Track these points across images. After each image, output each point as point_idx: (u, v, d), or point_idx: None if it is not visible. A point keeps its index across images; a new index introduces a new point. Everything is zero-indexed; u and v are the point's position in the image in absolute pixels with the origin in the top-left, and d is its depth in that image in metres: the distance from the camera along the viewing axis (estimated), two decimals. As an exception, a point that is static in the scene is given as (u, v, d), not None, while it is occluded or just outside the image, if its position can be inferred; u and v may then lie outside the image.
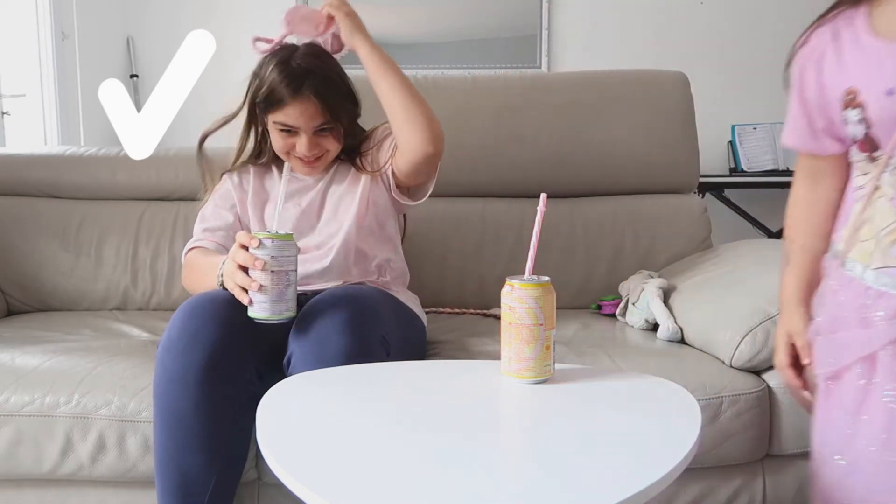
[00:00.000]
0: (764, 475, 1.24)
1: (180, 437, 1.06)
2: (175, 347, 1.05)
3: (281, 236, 1.01)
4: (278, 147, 1.35)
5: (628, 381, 0.92)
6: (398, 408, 0.81)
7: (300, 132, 1.31)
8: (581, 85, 1.85)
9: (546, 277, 0.89)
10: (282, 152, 1.35)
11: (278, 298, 1.00)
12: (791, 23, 3.68)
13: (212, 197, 1.43)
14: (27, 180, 1.81)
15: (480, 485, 0.61)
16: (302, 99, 1.28)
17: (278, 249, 1.00)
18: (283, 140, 1.33)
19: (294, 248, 1.02)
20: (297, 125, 1.30)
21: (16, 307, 1.75)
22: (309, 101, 1.28)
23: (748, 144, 3.30)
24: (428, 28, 3.46)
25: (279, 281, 1.00)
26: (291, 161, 1.36)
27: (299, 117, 1.29)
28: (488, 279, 1.74)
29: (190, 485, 1.06)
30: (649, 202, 1.82)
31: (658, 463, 0.64)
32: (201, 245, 1.35)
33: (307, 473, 0.63)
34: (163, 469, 1.07)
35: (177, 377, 1.04)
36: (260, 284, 0.99)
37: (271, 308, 1.00)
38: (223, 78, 3.82)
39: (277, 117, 1.30)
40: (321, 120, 1.30)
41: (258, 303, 1.00)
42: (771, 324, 1.21)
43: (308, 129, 1.31)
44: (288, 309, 1.01)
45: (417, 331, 1.33)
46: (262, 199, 1.42)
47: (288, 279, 1.00)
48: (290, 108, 1.28)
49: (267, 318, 1.00)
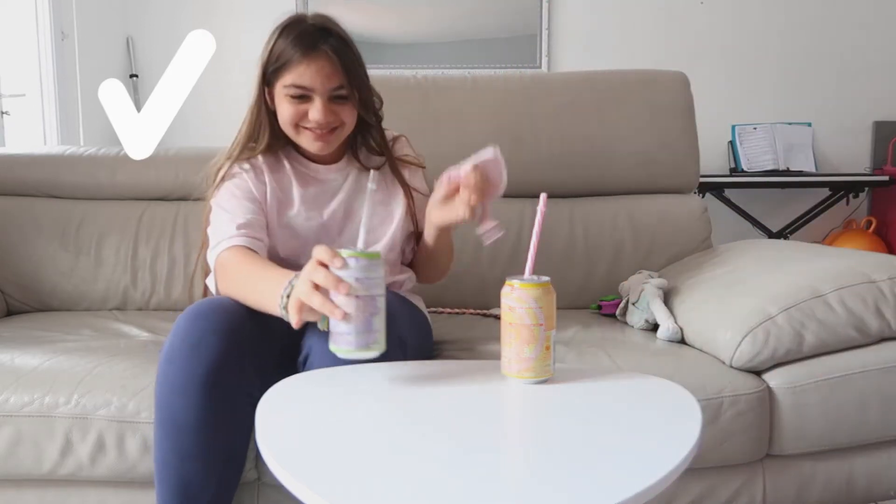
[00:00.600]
0: (764, 475, 1.24)
1: (181, 446, 1.05)
2: (177, 358, 1.03)
3: (368, 255, 0.85)
4: (287, 117, 1.21)
5: (628, 381, 0.92)
6: (398, 408, 0.81)
7: (314, 96, 1.18)
8: (581, 85, 1.85)
9: (546, 277, 0.88)
10: (290, 124, 1.21)
11: (365, 329, 0.84)
12: (791, 23, 3.70)
13: (224, 187, 1.26)
14: (27, 180, 1.81)
15: (480, 485, 0.61)
16: (317, 56, 1.17)
17: (365, 270, 0.84)
18: (293, 108, 1.19)
19: (382, 268, 0.86)
20: (311, 86, 1.17)
21: (16, 307, 1.75)
22: (325, 59, 1.17)
23: (748, 144, 3.30)
24: (428, 28, 3.47)
25: (365, 308, 0.84)
26: (301, 138, 1.23)
27: (315, 76, 1.17)
28: (488, 279, 1.74)
29: (190, 491, 1.06)
30: (649, 202, 1.82)
31: (658, 463, 0.64)
32: (241, 244, 1.15)
33: (307, 473, 0.63)
34: (163, 476, 1.07)
35: (178, 388, 1.03)
36: (344, 312, 0.83)
37: (357, 340, 0.84)
38: (223, 78, 3.82)
39: (289, 79, 1.18)
40: (338, 82, 1.19)
41: (341, 334, 0.84)
42: (771, 324, 1.21)
43: (324, 90, 1.18)
44: (376, 342, 0.85)
45: (427, 332, 1.32)
46: (284, 201, 1.28)
47: (375, 306, 0.84)
48: (303, 67, 1.17)
49: (351, 352, 0.84)
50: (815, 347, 1.22)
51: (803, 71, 3.44)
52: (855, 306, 1.23)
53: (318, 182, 1.31)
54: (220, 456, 1.07)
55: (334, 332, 0.85)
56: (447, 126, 1.79)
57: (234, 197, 1.24)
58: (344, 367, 0.98)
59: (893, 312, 1.24)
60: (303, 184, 1.30)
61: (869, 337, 1.24)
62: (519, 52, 3.43)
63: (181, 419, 1.04)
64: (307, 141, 1.23)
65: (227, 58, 3.51)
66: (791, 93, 3.44)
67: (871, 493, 1.26)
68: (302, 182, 1.30)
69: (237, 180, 1.26)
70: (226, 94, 3.49)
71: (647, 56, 3.41)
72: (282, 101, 1.21)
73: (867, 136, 3.46)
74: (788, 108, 3.43)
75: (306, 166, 1.32)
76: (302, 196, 1.29)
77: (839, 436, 1.22)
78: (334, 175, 1.32)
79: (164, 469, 1.07)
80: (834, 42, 3.42)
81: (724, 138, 3.38)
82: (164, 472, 1.07)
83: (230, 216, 1.20)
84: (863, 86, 3.43)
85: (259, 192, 1.26)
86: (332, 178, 1.32)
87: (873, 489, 1.26)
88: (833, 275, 1.28)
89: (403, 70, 3.37)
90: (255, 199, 1.25)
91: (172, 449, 1.05)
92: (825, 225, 3.46)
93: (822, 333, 1.22)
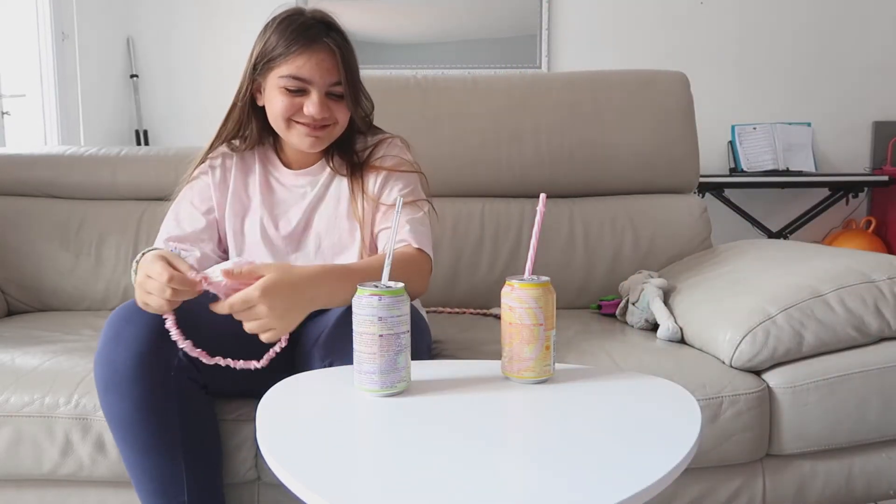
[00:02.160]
0: (764, 475, 1.24)
1: (132, 440, 1.04)
2: (101, 356, 1.02)
3: (392, 292, 0.82)
4: (280, 110, 1.16)
5: (628, 381, 0.92)
6: (398, 408, 0.81)
7: (311, 89, 1.15)
8: (581, 85, 1.85)
9: (546, 277, 0.89)
10: (282, 118, 1.17)
11: (390, 368, 0.82)
12: (791, 23, 3.70)
13: (189, 189, 1.27)
14: (27, 180, 1.81)
15: (480, 484, 0.61)
16: (318, 49, 1.14)
17: (388, 309, 0.81)
18: (288, 100, 1.16)
19: (406, 304, 0.83)
20: (310, 78, 1.15)
21: (16, 307, 1.75)
22: (326, 52, 1.15)
23: (748, 144, 3.30)
24: (429, 28, 3.47)
25: (390, 347, 0.81)
26: (291, 133, 1.19)
27: (314, 69, 1.14)
28: (488, 279, 1.74)
29: (166, 486, 1.06)
30: (649, 202, 1.82)
31: (658, 463, 0.64)
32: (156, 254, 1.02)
33: (307, 473, 0.63)
34: (136, 476, 1.07)
35: (109, 384, 1.02)
36: (368, 352, 0.82)
37: (381, 381, 0.82)
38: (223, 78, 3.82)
39: (286, 70, 1.14)
40: (336, 77, 1.16)
41: (365, 374, 0.83)
42: (771, 324, 1.21)
43: (322, 84, 1.15)
44: (401, 380, 0.83)
45: (425, 332, 1.32)
46: (244, 207, 1.26)
47: (399, 344, 0.82)
48: (303, 59, 1.13)
49: (376, 392, 0.83)
50: (815, 347, 1.22)
51: (803, 71, 3.44)
52: (854, 306, 1.23)
53: (283, 188, 1.28)
54: (177, 444, 1.06)
55: (359, 372, 0.84)
56: (447, 126, 1.79)
57: (189, 203, 1.26)
58: (343, 367, 0.98)
59: (893, 312, 1.24)
60: (267, 190, 1.28)
61: (868, 337, 1.24)
62: (519, 52, 3.43)
63: (122, 413, 1.03)
64: (298, 136, 1.19)
65: (226, 58, 3.51)
66: (791, 93, 3.44)
67: (870, 493, 1.26)
68: (266, 188, 1.28)
69: (200, 184, 1.27)
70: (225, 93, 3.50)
71: (647, 56, 3.41)
72: (275, 94, 1.17)
73: (867, 136, 3.46)
74: (788, 108, 3.43)
75: (278, 170, 1.29)
76: (262, 203, 1.27)
77: (839, 435, 1.22)
78: (302, 182, 1.28)
79: (133, 469, 1.07)
80: (834, 42, 3.42)
81: (723, 138, 3.38)
82: (134, 471, 1.07)
83: (172, 224, 1.25)
84: (863, 86, 3.43)
85: (218, 199, 1.26)
86: (298, 184, 1.28)
87: (873, 488, 1.26)
88: (833, 275, 1.28)
89: (403, 70, 3.37)
90: (210, 208, 1.26)
91: (129, 446, 1.05)
92: (825, 225, 3.46)
93: (822, 333, 1.22)
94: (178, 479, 1.06)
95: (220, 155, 1.29)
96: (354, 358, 0.84)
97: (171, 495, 1.07)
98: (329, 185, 1.27)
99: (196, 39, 3.43)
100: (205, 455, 1.11)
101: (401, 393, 0.84)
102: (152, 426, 1.04)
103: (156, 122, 3.47)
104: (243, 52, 1.21)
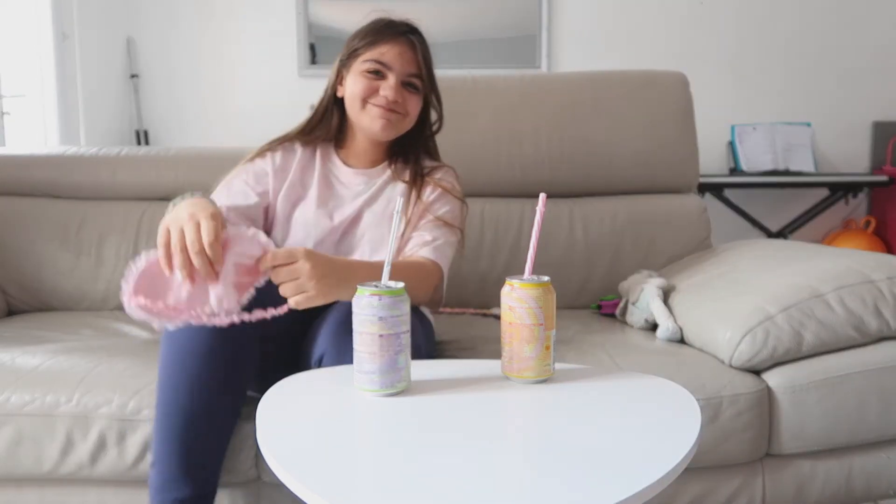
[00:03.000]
0: (764, 475, 1.24)
1: (193, 374, 1.04)
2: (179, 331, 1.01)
3: (392, 291, 0.83)
4: (359, 91, 1.27)
5: (628, 381, 0.92)
6: (398, 407, 0.81)
7: (389, 74, 1.26)
8: (581, 85, 1.85)
9: (546, 277, 0.89)
10: (360, 98, 1.27)
11: (389, 368, 0.82)
12: (791, 23, 3.69)
13: (244, 170, 1.32)
14: (27, 180, 1.81)
15: (480, 484, 0.61)
16: (402, 41, 1.27)
17: (389, 308, 0.82)
18: (367, 82, 1.26)
19: (406, 304, 0.84)
20: (390, 63, 1.26)
21: (16, 307, 1.75)
22: (408, 45, 1.27)
23: (748, 144, 3.30)
24: (429, 28, 3.45)
25: (390, 346, 0.82)
26: (364, 114, 1.28)
27: (396, 57, 1.26)
28: (488, 279, 1.74)
29: (193, 428, 1.05)
30: (649, 202, 1.83)
31: (658, 463, 0.64)
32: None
33: (307, 473, 0.63)
34: (168, 410, 1.06)
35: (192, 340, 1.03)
36: (368, 352, 0.83)
37: (381, 381, 0.83)
38: (222, 78, 3.81)
39: (370, 55, 1.26)
40: (415, 69, 1.28)
41: (364, 373, 0.83)
42: (770, 323, 1.21)
43: (401, 72, 1.27)
44: (401, 379, 0.84)
45: (431, 335, 1.32)
46: (298, 196, 1.32)
47: (400, 343, 0.83)
48: (386, 47, 1.26)
49: (376, 392, 0.83)
50: (815, 347, 1.22)
51: (803, 71, 3.44)
52: (854, 306, 1.23)
53: (341, 185, 1.34)
54: (228, 387, 1.08)
55: (359, 372, 0.84)
56: (447, 126, 1.78)
57: (243, 182, 1.31)
58: (344, 366, 0.98)
59: (892, 312, 1.24)
60: (324, 185, 1.33)
61: (868, 336, 1.24)
62: (519, 52, 3.43)
63: (190, 346, 1.03)
64: (370, 118, 1.27)
65: (226, 58, 3.51)
66: (791, 93, 3.44)
67: (870, 493, 1.27)
68: (324, 183, 1.34)
69: (259, 166, 1.33)
70: (225, 93, 3.50)
71: (647, 56, 3.41)
72: (356, 78, 1.27)
73: (867, 136, 3.46)
74: (788, 108, 3.43)
75: (337, 167, 1.36)
76: (319, 196, 1.32)
77: (838, 435, 1.22)
78: (359, 180, 1.35)
79: (170, 405, 1.05)
80: (834, 42, 3.42)
81: (723, 138, 3.38)
82: (170, 407, 1.05)
83: (223, 194, 1.28)
84: (863, 86, 3.43)
85: (274, 185, 1.32)
86: (355, 182, 1.34)
87: (872, 488, 1.26)
88: (832, 274, 1.28)
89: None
90: (265, 191, 1.31)
91: (182, 382, 1.05)
92: (824, 225, 3.46)
93: (822, 333, 1.22)
94: (214, 418, 1.07)
95: (283, 147, 1.36)
96: (354, 358, 0.84)
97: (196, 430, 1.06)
98: (384, 187, 1.34)
99: (196, 39, 3.43)
100: (238, 407, 1.12)
101: (401, 393, 0.84)
102: (217, 364, 1.04)
103: (156, 122, 3.46)
104: (243, 52, 1.23)
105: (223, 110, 3.40)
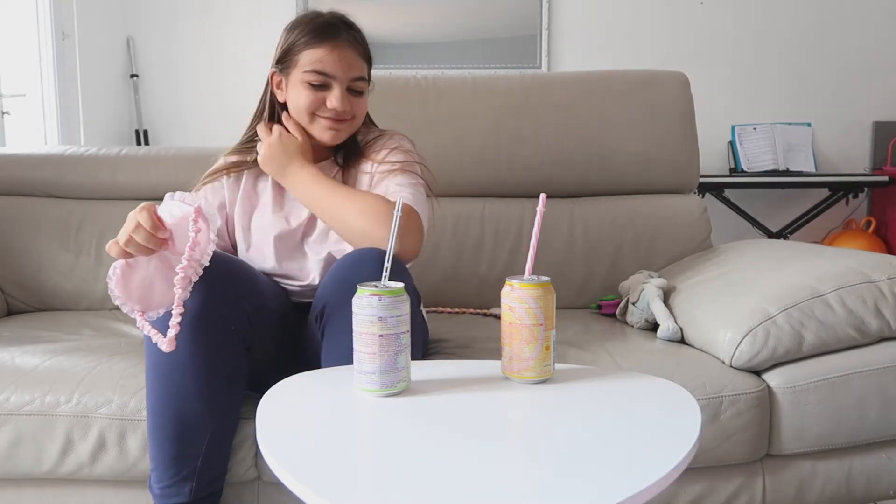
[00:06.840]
0: (764, 475, 1.24)
1: (177, 384, 1.04)
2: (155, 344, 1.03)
3: (391, 291, 0.83)
4: (303, 105, 1.23)
5: (628, 381, 0.92)
6: (398, 407, 0.81)
7: (333, 84, 1.22)
8: (581, 85, 1.85)
9: (546, 277, 0.89)
10: (306, 112, 1.24)
11: (389, 368, 0.83)
12: (791, 23, 3.70)
13: (202, 187, 1.33)
14: (27, 180, 1.81)
15: (480, 485, 0.61)
16: (340, 44, 1.21)
17: (388, 309, 0.82)
18: (312, 95, 1.22)
19: (406, 304, 0.84)
20: (333, 73, 1.21)
21: (16, 307, 1.75)
22: (348, 48, 1.22)
23: (748, 144, 3.30)
24: (429, 28, 3.47)
25: (389, 347, 0.82)
26: (314, 126, 1.25)
27: (337, 63, 1.21)
28: (488, 279, 1.74)
29: (187, 434, 1.06)
30: (649, 202, 1.82)
31: (658, 463, 0.64)
32: None
33: (307, 473, 0.63)
34: (159, 421, 1.06)
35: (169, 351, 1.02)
36: (368, 352, 0.83)
37: (381, 381, 0.83)
38: (222, 78, 3.81)
39: (309, 65, 1.21)
40: (358, 72, 1.23)
41: (365, 374, 0.83)
42: (771, 324, 1.21)
43: (344, 79, 1.22)
44: (401, 380, 0.84)
45: (422, 329, 1.32)
46: (252, 204, 1.32)
47: (399, 344, 0.83)
48: (325, 53, 1.20)
49: (376, 392, 0.84)
50: (815, 347, 1.22)
51: (803, 71, 3.44)
52: (854, 306, 1.23)
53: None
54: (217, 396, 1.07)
55: (359, 372, 0.84)
56: (447, 126, 1.79)
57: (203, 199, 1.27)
58: (344, 366, 0.98)
59: (893, 312, 1.24)
60: (277, 190, 1.31)
61: (868, 337, 1.24)
62: (519, 52, 3.43)
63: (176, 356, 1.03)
64: (320, 130, 1.25)
65: (226, 58, 3.51)
66: (791, 93, 3.44)
67: (870, 493, 1.27)
68: (277, 188, 1.32)
69: (215, 183, 1.32)
70: (225, 93, 3.49)
71: (646, 56, 3.41)
72: (299, 90, 1.23)
73: (867, 136, 3.46)
74: (788, 109, 3.43)
75: None
76: (273, 202, 1.30)
77: (838, 435, 1.22)
78: None
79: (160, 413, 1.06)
80: (834, 42, 3.42)
81: (723, 138, 3.38)
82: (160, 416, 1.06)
83: None
84: (863, 86, 3.43)
85: (230, 197, 1.32)
86: None
87: (872, 489, 1.26)
88: (833, 275, 1.28)
89: (404, 70, 3.37)
90: (222, 203, 1.31)
91: (168, 389, 1.05)
92: (825, 225, 3.46)
93: (822, 333, 1.22)
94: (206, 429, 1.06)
95: (235, 159, 1.34)
96: (354, 358, 0.84)
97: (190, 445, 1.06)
98: (337, 178, 1.31)
99: (196, 39, 3.43)
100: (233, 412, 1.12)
101: (401, 393, 0.84)
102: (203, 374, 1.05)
103: (156, 122, 3.47)
104: (243, 52, 1.23)
105: (223, 110, 3.40)
